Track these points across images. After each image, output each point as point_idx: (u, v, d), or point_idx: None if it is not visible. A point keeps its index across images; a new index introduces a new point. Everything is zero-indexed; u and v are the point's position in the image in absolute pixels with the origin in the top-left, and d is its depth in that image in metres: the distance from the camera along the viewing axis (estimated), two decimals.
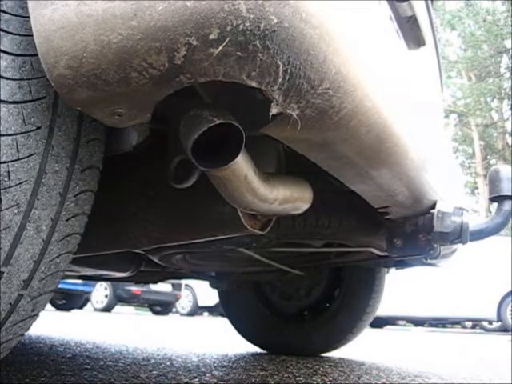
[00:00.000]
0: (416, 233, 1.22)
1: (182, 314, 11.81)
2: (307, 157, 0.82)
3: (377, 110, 0.74)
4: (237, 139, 0.68)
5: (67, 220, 0.74)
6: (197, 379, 1.45)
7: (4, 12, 0.66)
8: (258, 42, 0.54)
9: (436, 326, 12.10)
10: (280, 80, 0.58)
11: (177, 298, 10.73)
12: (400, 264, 1.84)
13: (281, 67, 0.57)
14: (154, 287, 9.33)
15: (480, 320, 10.17)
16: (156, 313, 11.48)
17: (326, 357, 2.37)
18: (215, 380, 1.45)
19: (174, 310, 12.08)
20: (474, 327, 12.07)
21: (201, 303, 11.54)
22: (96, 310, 10.06)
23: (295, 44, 0.56)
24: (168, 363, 1.83)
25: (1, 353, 0.76)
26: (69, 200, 0.73)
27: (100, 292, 10.02)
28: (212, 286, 2.37)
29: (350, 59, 0.64)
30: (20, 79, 0.65)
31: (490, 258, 8.40)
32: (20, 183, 0.66)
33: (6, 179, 0.64)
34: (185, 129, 0.70)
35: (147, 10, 0.54)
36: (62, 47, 0.58)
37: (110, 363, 1.72)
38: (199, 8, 0.52)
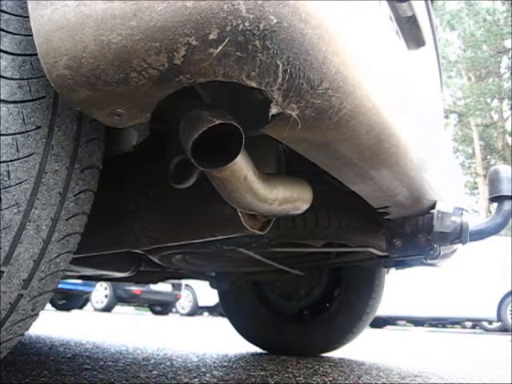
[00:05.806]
0: (416, 233, 1.22)
1: (182, 314, 11.81)
2: (307, 157, 0.82)
3: (376, 111, 0.74)
4: (236, 139, 0.68)
5: (67, 219, 0.74)
6: (197, 379, 1.45)
7: (4, 12, 0.66)
8: (257, 42, 0.54)
9: (436, 326, 12.10)
10: (280, 80, 0.58)
11: (177, 298, 10.73)
12: (400, 264, 1.84)
13: (280, 67, 0.57)
14: (154, 287, 9.33)
15: (480, 320, 10.16)
16: (156, 313, 11.48)
17: (326, 357, 2.37)
18: (215, 380, 1.45)
19: (173, 310, 12.07)
20: (473, 327, 12.06)
21: (201, 303, 11.54)
22: (96, 309, 10.06)
23: (295, 44, 0.56)
24: (168, 363, 1.82)
25: (1, 352, 0.76)
26: (69, 199, 0.74)
27: (100, 292, 10.02)
28: (212, 286, 2.37)
29: (349, 59, 0.64)
30: (20, 79, 0.65)
31: (490, 258, 8.40)
32: (20, 183, 0.66)
33: (5, 179, 0.64)
34: (184, 129, 0.70)
35: (147, 11, 0.54)
36: (62, 47, 0.58)
37: (110, 363, 1.72)
38: (199, 8, 0.52)
